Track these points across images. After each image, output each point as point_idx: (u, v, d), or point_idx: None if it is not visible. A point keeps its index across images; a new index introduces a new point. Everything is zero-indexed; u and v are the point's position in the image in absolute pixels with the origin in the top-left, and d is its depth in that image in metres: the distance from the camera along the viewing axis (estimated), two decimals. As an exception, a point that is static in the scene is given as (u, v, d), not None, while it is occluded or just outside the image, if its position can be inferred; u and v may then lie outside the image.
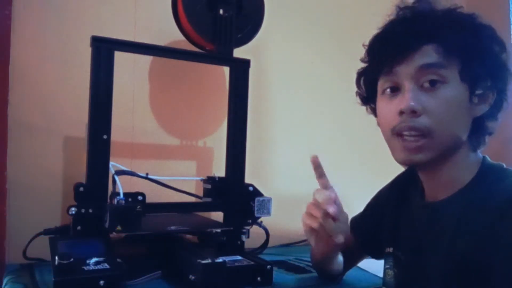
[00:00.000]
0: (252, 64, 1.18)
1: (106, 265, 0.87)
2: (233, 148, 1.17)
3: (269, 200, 1.14)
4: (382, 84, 0.72)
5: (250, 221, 1.14)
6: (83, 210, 0.96)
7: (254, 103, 1.21)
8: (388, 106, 0.70)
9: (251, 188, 1.14)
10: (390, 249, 0.83)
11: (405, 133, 0.67)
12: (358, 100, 0.82)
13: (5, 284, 0.94)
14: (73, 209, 0.95)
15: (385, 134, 0.72)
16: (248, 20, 1.20)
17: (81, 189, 0.97)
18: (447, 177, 0.71)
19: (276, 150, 1.51)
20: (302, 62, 1.55)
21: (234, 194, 1.15)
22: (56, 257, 0.82)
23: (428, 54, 0.66)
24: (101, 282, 0.83)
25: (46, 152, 1.19)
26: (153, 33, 1.29)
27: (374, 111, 0.79)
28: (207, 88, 1.42)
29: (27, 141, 1.17)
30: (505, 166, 0.73)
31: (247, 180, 1.17)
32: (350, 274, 1.03)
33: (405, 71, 0.68)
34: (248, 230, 1.14)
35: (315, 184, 0.73)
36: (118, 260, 0.90)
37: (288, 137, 1.54)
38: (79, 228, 0.95)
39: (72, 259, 0.82)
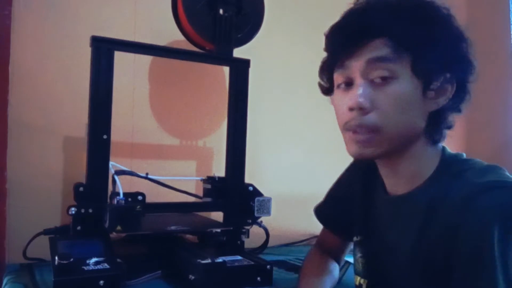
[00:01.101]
0: (252, 64, 1.18)
1: (106, 265, 0.87)
2: (233, 148, 1.17)
3: (269, 200, 1.14)
4: (337, 78, 0.71)
5: (250, 221, 1.14)
6: (83, 210, 0.96)
7: (254, 103, 1.21)
8: (342, 101, 0.69)
9: (251, 188, 1.14)
10: (359, 238, 0.83)
11: (355, 129, 0.67)
12: (319, 90, 0.80)
13: (5, 284, 0.94)
14: (73, 209, 0.95)
15: (339, 128, 0.72)
16: (248, 20, 1.20)
17: (81, 189, 0.97)
18: (406, 171, 0.70)
19: (276, 150, 1.51)
20: (302, 62, 1.54)
21: (234, 194, 1.15)
22: (56, 257, 0.82)
23: (378, 48, 0.65)
24: (101, 282, 0.83)
25: (46, 152, 1.19)
26: (153, 33, 1.29)
27: None
28: (207, 88, 1.42)
29: (27, 141, 1.17)
30: (464, 155, 0.72)
31: (247, 180, 1.17)
32: (350, 274, 1.03)
33: (355, 66, 0.67)
34: (248, 230, 1.14)
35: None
36: (118, 260, 0.90)
37: (288, 137, 1.54)
38: (79, 228, 0.96)
39: (72, 259, 0.82)
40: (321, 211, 0.96)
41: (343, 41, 0.68)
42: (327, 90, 0.76)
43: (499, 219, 0.58)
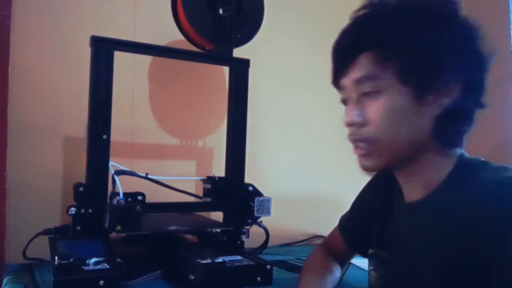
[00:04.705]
0: (252, 64, 1.18)
1: (105, 265, 0.87)
2: (233, 148, 1.17)
3: (269, 200, 1.14)
4: (340, 94, 0.74)
5: (250, 221, 1.14)
6: (83, 210, 0.96)
7: (254, 103, 1.21)
8: (344, 116, 0.71)
9: (251, 188, 1.14)
10: (373, 250, 0.82)
11: (354, 144, 0.69)
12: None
13: (5, 284, 0.94)
14: (73, 209, 0.95)
15: None
16: (248, 20, 1.20)
17: (81, 189, 0.97)
18: (421, 178, 0.69)
19: (276, 150, 1.51)
20: (302, 62, 1.55)
21: (234, 194, 1.15)
22: (56, 257, 0.82)
23: (363, 65, 0.65)
24: (101, 282, 0.83)
25: (46, 152, 1.19)
26: (153, 33, 1.29)
27: None
28: (207, 88, 1.42)
29: (27, 141, 1.17)
30: (482, 159, 0.70)
31: (247, 180, 1.17)
32: (350, 274, 1.03)
33: (347, 84, 0.68)
34: (248, 230, 1.14)
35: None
36: (118, 260, 0.90)
37: (288, 137, 1.54)
38: (78, 228, 0.96)
39: (71, 259, 0.82)
40: (342, 221, 0.95)
41: (334, 62, 0.70)
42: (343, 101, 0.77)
43: None
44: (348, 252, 0.94)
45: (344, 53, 0.68)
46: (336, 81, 0.71)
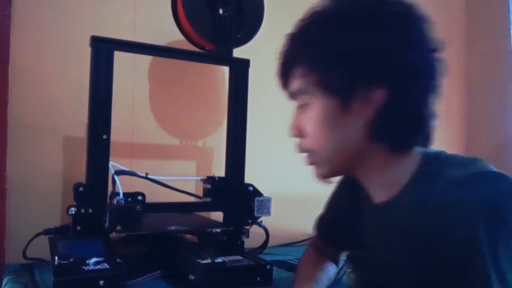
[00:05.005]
0: (252, 64, 1.18)
1: (105, 265, 0.87)
2: (233, 148, 1.17)
3: (269, 200, 1.14)
4: None
5: (250, 221, 1.14)
6: (82, 210, 0.96)
7: (254, 103, 1.21)
8: None
9: (251, 188, 1.14)
10: (350, 252, 0.82)
11: (301, 154, 0.71)
12: None
13: (5, 284, 0.94)
14: (72, 209, 0.95)
15: None
16: (248, 20, 1.20)
17: (81, 189, 0.97)
18: (379, 181, 0.69)
19: (276, 150, 1.51)
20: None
21: (234, 194, 1.15)
22: (56, 257, 0.82)
23: (294, 80, 0.68)
24: (101, 282, 0.83)
25: (46, 152, 1.19)
26: (153, 33, 1.29)
27: None
28: (207, 88, 1.42)
29: (27, 141, 1.17)
30: (446, 153, 0.68)
31: (247, 180, 1.17)
32: (350, 274, 1.03)
33: (288, 98, 0.72)
34: (248, 230, 1.14)
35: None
36: (118, 260, 0.90)
37: (288, 137, 1.53)
38: (78, 228, 0.96)
39: (71, 259, 0.82)
40: (317, 222, 0.95)
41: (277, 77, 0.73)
42: None
43: (484, 215, 0.56)
44: (334, 250, 0.94)
45: (280, 69, 0.71)
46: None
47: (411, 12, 0.65)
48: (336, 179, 0.76)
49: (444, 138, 1.82)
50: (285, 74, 0.70)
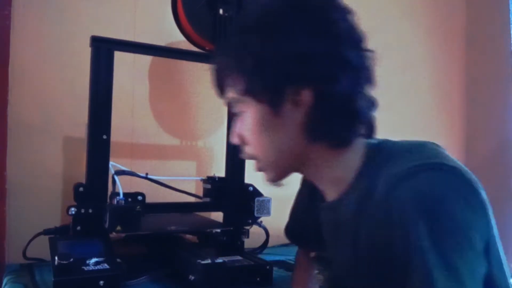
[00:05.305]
0: (252, 64, 1.18)
1: (105, 265, 0.87)
2: (233, 148, 1.17)
3: (269, 200, 1.14)
4: None
5: (250, 221, 1.14)
6: (83, 210, 0.96)
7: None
8: None
9: (251, 188, 1.14)
10: (315, 253, 0.82)
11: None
12: None
13: (5, 284, 0.94)
14: (72, 209, 0.95)
15: None
16: (248, 20, 1.20)
17: (81, 189, 0.97)
18: (327, 179, 0.69)
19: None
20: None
21: (234, 194, 1.15)
22: (56, 257, 0.82)
23: (229, 88, 0.67)
24: (101, 282, 0.83)
25: (46, 152, 1.19)
26: (153, 33, 1.29)
27: None
28: (207, 88, 1.42)
29: (27, 141, 1.17)
30: (391, 141, 0.67)
31: (247, 180, 1.17)
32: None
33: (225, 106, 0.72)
34: (248, 230, 1.14)
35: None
36: (118, 260, 0.90)
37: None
38: (78, 228, 0.96)
39: (72, 259, 0.82)
40: (285, 227, 0.95)
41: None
42: None
43: (423, 211, 0.54)
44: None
45: (214, 79, 0.70)
46: None
47: (331, 6, 0.64)
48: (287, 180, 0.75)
49: (444, 138, 1.83)
50: (219, 85, 0.70)
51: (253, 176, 1.20)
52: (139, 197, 1.05)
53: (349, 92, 0.62)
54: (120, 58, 1.03)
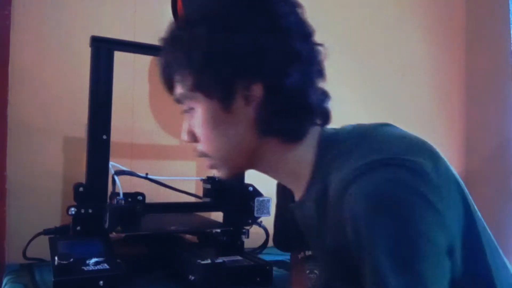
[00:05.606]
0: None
1: (105, 266, 0.87)
2: (233, 148, 1.17)
3: (269, 200, 1.14)
4: None
5: (250, 221, 1.14)
6: (82, 210, 0.96)
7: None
8: None
9: (251, 188, 1.14)
10: (301, 254, 0.82)
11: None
12: None
13: (5, 284, 0.94)
14: (72, 209, 0.95)
15: None
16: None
17: (81, 189, 0.97)
18: (287, 175, 0.68)
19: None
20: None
21: (234, 194, 1.15)
22: (56, 257, 0.82)
23: (177, 85, 0.67)
24: (101, 282, 0.83)
25: (46, 152, 1.19)
26: (153, 33, 1.28)
27: None
28: (207, 88, 1.42)
29: (27, 141, 1.17)
30: (343, 130, 0.66)
31: (247, 180, 1.16)
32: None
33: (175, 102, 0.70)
34: (248, 230, 1.14)
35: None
36: (118, 260, 0.90)
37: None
38: (78, 228, 0.96)
39: (71, 259, 0.82)
40: (273, 239, 0.95)
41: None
42: None
43: (368, 210, 0.52)
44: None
45: (161, 76, 0.70)
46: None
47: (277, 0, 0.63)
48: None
49: (444, 138, 1.83)
50: (167, 81, 0.69)
51: (253, 176, 1.20)
52: (139, 197, 1.05)
53: (300, 86, 0.61)
54: (120, 58, 1.03)
